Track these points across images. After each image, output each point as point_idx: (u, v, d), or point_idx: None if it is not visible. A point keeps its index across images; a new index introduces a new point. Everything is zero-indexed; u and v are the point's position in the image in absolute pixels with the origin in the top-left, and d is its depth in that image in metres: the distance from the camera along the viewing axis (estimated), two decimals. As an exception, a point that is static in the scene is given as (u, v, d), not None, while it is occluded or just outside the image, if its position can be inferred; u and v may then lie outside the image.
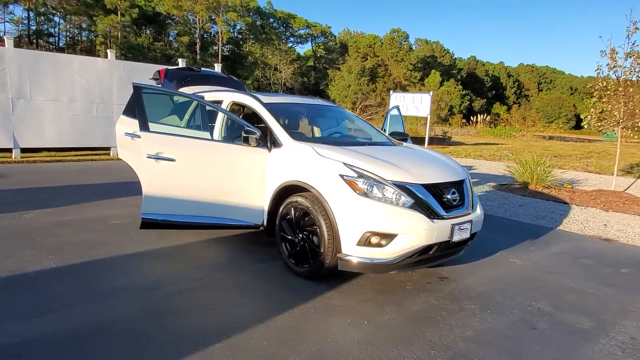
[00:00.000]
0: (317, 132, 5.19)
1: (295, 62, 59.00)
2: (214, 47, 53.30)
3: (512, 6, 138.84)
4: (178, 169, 4.11)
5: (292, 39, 62.77)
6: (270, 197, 4.18)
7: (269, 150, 4.25)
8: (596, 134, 53.13)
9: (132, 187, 7.58)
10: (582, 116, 11.57)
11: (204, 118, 4.77)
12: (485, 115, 52.92)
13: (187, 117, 5.06)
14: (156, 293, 3.49)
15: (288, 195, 4.08)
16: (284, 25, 60.53)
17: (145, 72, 10.17)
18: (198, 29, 49.34)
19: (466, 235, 3.87)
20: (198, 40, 49.78)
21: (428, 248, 3.64)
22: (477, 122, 48.95)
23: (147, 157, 4.02)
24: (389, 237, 3.50)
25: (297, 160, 4.02)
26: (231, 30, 54.97)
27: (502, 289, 3.96)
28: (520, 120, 64.79)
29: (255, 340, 2.83)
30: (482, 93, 74.94)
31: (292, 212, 4.00)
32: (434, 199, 3.70)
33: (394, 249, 3.51)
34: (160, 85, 6.09)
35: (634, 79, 8.85)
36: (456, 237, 3.75)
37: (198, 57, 48.65)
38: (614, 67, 9.00)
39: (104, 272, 3.85)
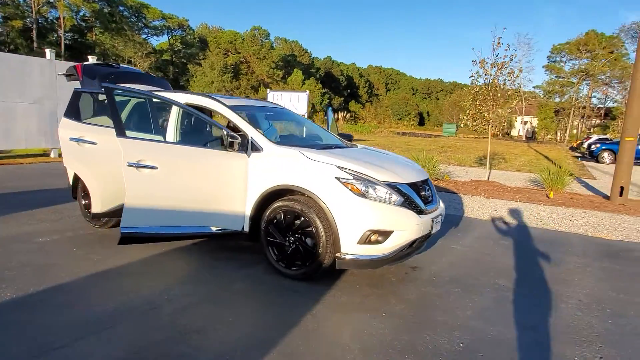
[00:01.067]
0: (277, 136, 5.18)
1: (151, 55, 55.33)
2: (55, 35, 47.13)
3: (361, 9, 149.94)
4: (160, 177, 3.77)
5: (146, 30, 58.64)
6: (255, 202, 4.09)
7: (248, 155, 4.15)
8: (438, 130, 60.91)
9: (43, 196, 6.57)
10: (424, 112, 13.16)
11: (154, 120, 4.42)
12: (345, 112, 56.43)
13: (132, 118, 4.63)
14: (161, 312, 3.19)
15: (274, 200, 4.05)
16: (137, 14, 56.19)
17: None
18: (33, 12, 43.04)
19: (439, 227, 4.32)
20: (34, 25, 43.44)
21: (413, 241, 3.99)
22: (337, 119, 51.94)
23: (128, 165, 3.61)
24: (387, 234, 3.74)
25: (285, 165, 4.00)
26: (74, 17, 49.12)
27: (465, 272, 4.50)
28: (374, 117, 70.52)
29: (306, 344, 2.82)
30: (339, 92, 79.70)
31: (281, 216, 3.98)
32: (417, 196, 4.05)
33: (390, 244, 3.77)
34: (77, 82, 5.42)
35: (501, 81, 10.52)
36: (434, 230, 4.17)
37: (35, 45, 42.51)
38: (485, 75, 10.58)
39: (81, 297, 3.36)
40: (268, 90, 15.59)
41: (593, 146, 22.80)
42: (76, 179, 5.37)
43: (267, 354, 2.71)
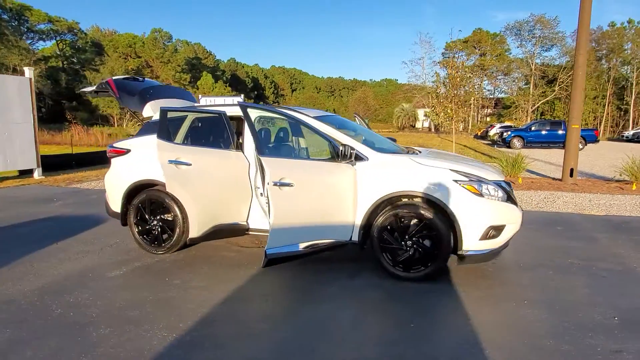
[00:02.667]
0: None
1: (40, 62, 50.13)
2: None
3: (260, 9, 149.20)
4: (296, 194, 3.72)
5: (30, 34, 52.92)
6: (366, 210, 4.18)
7: (353, 164, 4.22)
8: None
9: (50, 225, 5.91)
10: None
11: (228, 134, 4.42)
12: (259, 115, 56.06)
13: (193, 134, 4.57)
14: (334, 330, 3.19)
15: (384, 207, 4.18)
16: (17, 18, 50.45)
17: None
18: None
19: None
20: None
21: None
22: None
23: (273, 184, 3.51)
24: (501, 228, 4.08)
25: (398, 172, 4.15)
26: (-60, 21, 42.79)
27: (530, 255, 5.01)
28: (285, 118, 70.58)
29: (502, 336, 3.04)
30: (246, 93, 78.68)
31: (397, 222, 4.13)
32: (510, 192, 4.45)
33: (503, 237, 4.12)
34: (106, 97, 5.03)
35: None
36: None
37: None
38: (443, 79, 11.47)
39: (243, 324, 3.22)
40: (200, 95, 15.13)
41: (505, 133, 25.48)
42: (126, 203, 4.99)
43: (483, 351, 2.89)
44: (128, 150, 5.12)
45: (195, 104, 5.91)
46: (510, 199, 4.26)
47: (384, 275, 4.25)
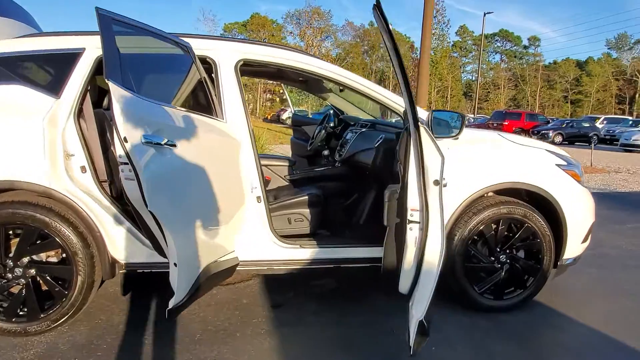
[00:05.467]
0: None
1: None
2: None
3: None
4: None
5: None
6: (455, 213, 2.71)
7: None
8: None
9: None
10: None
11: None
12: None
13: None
14: None
15: (475, 207, 2.78)
16: None
17: None
18: None
19: None
20: None
21: None
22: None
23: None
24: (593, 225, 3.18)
25: (495, 154, 2.79)
26: None
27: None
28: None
29: None
30: None
31: (487, 229, 2.79)
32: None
33: (589, 238, 3.22)
34: None
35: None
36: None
37: None
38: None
39: None
40: None
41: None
42: None
43: None
44: None
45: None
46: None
47: (459, 310, 2.86)
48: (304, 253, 2.73)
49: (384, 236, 2.52)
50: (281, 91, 52.10)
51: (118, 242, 2.49)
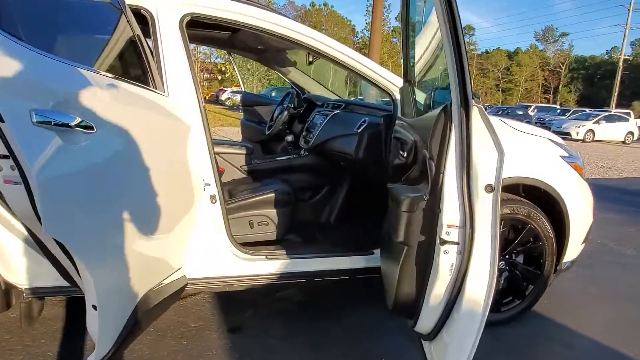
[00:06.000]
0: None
1: None
2: None
3: None
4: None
5: None
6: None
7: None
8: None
9: None
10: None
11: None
12: None
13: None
14: None
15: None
16: None
17: None
18: None
19: None
20: None
21: None
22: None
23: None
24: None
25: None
26: None
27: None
28: None
29: None
30: None
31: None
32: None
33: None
34: None
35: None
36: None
37: None
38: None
39: None
40: None
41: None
42: None
43: None
44: None
45: None
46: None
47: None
48: (270, 266, 2.16)
49: (368, 242, 2.01)
50: (223, 68, 50.11)
51: (14, 260, 1.79)
